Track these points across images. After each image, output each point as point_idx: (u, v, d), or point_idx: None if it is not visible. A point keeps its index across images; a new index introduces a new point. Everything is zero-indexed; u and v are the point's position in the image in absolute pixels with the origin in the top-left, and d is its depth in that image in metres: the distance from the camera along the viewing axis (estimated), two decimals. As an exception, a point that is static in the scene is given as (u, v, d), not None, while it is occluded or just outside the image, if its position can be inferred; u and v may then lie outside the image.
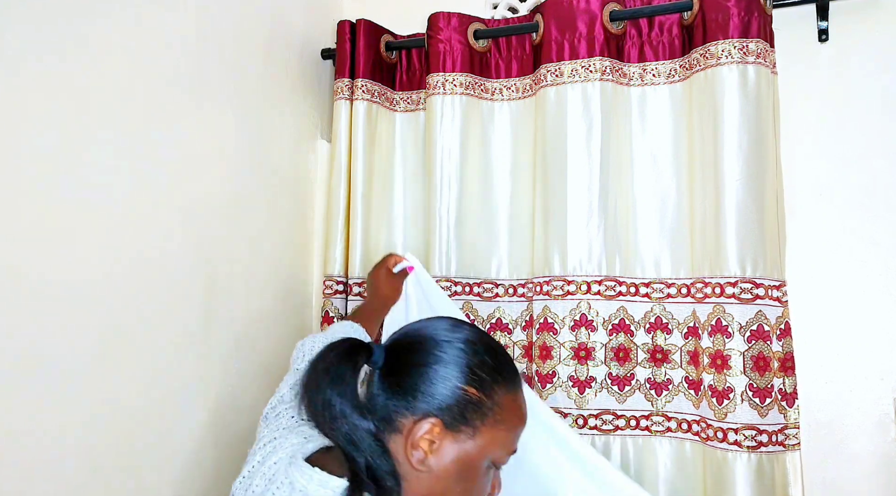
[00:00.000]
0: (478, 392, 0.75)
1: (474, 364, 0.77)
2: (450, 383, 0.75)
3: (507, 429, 0.77)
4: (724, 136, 1.24)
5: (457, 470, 0.74)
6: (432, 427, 0.74)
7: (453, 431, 0.74)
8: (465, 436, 0.75)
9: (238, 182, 1.34)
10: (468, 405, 0.75)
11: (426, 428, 0.74)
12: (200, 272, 1.21)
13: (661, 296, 1.34)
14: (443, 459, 0.74)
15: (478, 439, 0.75)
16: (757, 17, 1.26)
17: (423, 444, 0.74)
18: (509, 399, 0.78)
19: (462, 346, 0.78)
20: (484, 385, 0.76)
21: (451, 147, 1.45)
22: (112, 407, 1.01)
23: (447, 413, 0.74)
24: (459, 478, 0.75)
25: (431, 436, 0.74)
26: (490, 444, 0.76)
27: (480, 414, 0.75)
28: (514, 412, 0.79)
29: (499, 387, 0.77)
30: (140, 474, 1.06)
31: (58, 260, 0.93)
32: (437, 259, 1.43)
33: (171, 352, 1.13)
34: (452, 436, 0.74)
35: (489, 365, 0.77)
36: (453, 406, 0.74)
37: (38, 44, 0.91)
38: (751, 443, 1.17)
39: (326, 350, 0.74)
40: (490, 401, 0.76)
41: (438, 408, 0.74)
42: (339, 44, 1.56)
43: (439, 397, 0.74)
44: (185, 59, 1.19)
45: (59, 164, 0.94)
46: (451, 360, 0.76)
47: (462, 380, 0.75)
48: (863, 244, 1.33)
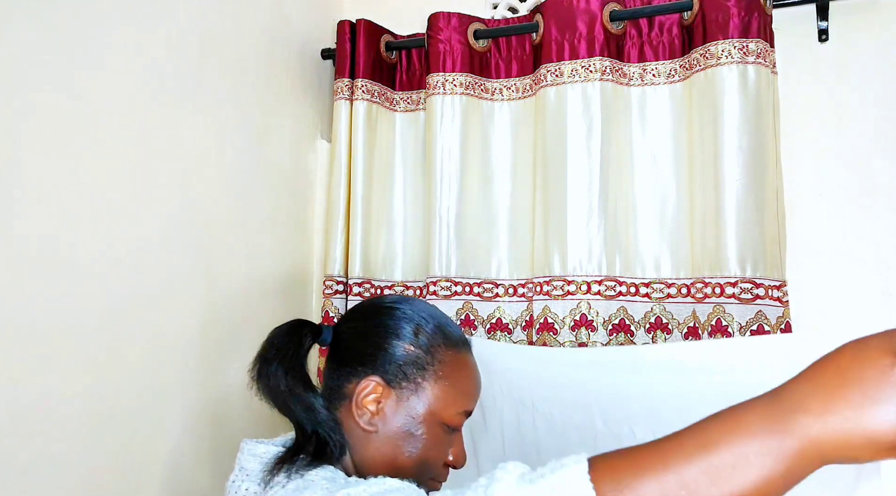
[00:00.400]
0: (416, 348, 0.77)
1: (412, 323, 0.79)
2: (387, 342, 0.77)
3: (452, 385, 0.78)
4: (724, 136, 1.24)
5: (405, 428, 0.76)
6: (375, 385, 0.76)
7: (395, 388, 0.76)
8: (408, 392, 0.76)
9: (238, 182, 1.34)
10: (407, 361, 0.77)
11: (368, 387, 0.76)
12: (200, 272, 1.21)
13: (661, 297, 1.34)
14: (389, 417, 0.76)
15: (421, 395, 0.76)
16: (757, 17, 1.26)
17: (368, 404, 0.75)
18: (451, 356, 0.79)
19: (400, 309, 0.81)
20: (422, 342, 0.78)
21: (451, 147, 1.45)
22: (112, 406, 1.01)
23: (387, 371, 0.76)
24: (408, 437, 0.76)
25: (375, 395, 0.76)
26: (435, 400, 0.77)
27: (420, 369, 0.77)
28: (458, 369, 0.80)
29: (438, 344, 0.79)
30: (139, 473, 1.06)
31: (57, 259, 0.93)
32: (437, 259, 1.43)
33: (171, 351, 1.13)
34: (396, 394, 0.76)
35: (428, 324, 0.80)
36: (392, 363, 0.77)
37: (38, 44, 0.91)
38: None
39: (273, 331, 0.78)
40: (429, 357, 0.78)
41: (378, 367, 0.77)
42: (339, 44, 1.56)
43: (379, 357, 0.77)
44: (185, 58, 1.19)
45: (59, 163, 0.94)
46: (390, 323, 0.79)
47: (399, 338, 0.78)
48: (863, 244, 1.33)
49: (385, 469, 0.75)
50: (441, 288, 1.42)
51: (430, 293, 1.43)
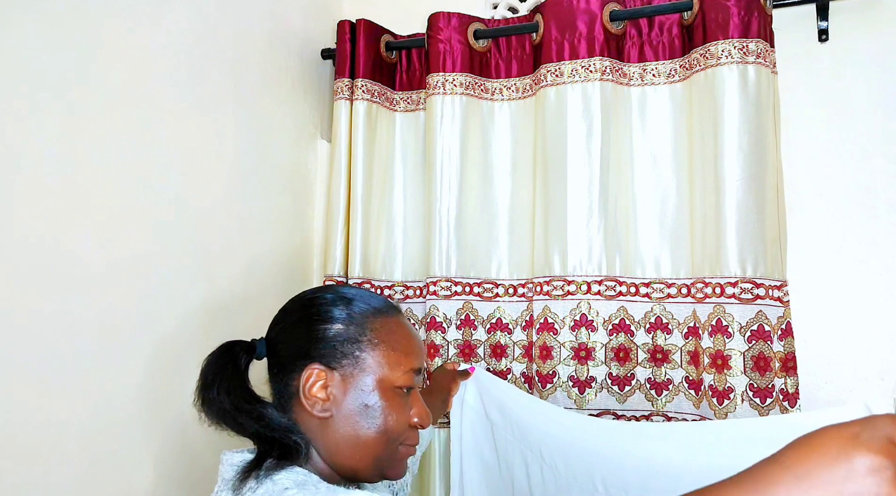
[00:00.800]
0: (345, 325, 0.78)
1: (334, 305, 0.80)
2: (316, 328, 0.78)
3: (391, 348, 0.79)
4: (724, 136, 1.24)
5: (358, 404, 0.76)
6: (318, 372, 0.76)
7: (337, 369, 0.77)
8: (350, 368, 0.77)
9: (238, 182, 1.34)
10: (339, 339, 0.77)
11: (312, 375, 0.76)
12: (200, 272, 1.21)
13: (661, 296, 1.34)
14: (340, 398, 0.76)
15: (364, 366, 0.77)
16: (757, 17, 1.26)
17: (316, 393, 0.76)
18: (381, 322, 0.80)
19: (319, 296, 0.81)
20: (349, 317, 0.79)
21: (451, 147, 1.45)
22: (111, 406, 1.01)
23: (324, 355, 0.77)
24: (365, 411, 0.76)
25: (321, 381, 0.76)
26: (379, 367, 0.77)
27: (355, 342, 0.77)
28: (391, 332, 0.80)
29: (366, 315, 0.79)
30: (139, 473, 1.06)
31: (57, 259, 0.93)
32: (437, 259, 1.43)
33: (171, 351, 1.13)
34: (339, 374, 0.77)
35: (350, 301, 0.80)
36: (326, 346, 0.77)
37: (38, 44, 0.91)
38: (751, 443, 1.17)
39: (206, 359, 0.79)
40: (360, 328, 0.78)
41: (315, 355, 0.77)
42: (339, 44, 1.56)
43: (312, 345, 0.77)
44: (185, 59, 1.19)
45: (59, 163, 0.94)
46: (313, 310, 0.80)
47: (326, 321, 0.78)
48: (863, 244, 1.33)
49: (352, 449, 0.76)
50: (441, 288, 1.42)
51: (430, 293, 1.43)
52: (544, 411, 1.17)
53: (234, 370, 0.77)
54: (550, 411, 1.17)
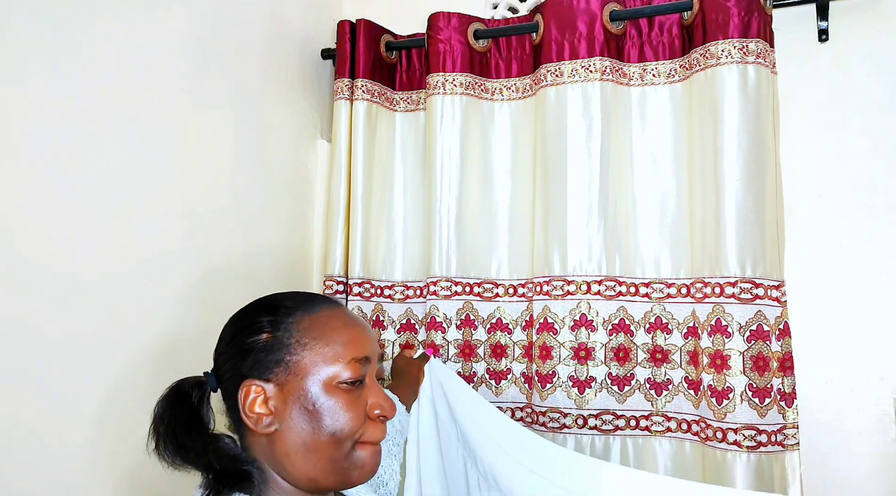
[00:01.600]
0: (269, 333, 0.73)
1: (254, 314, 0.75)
2: (243, 345, 0.73)
3: (324, 344, 0.73)
4: (724, 136, 1.24)
5: (301, 410, 0.71)
6: (252, 388, 0.71)
7: (269, 380, 0.71)
8: (283, 376, 0.71)
9: (238, 181, 1.34)
10: (266, 349, 0.72)
11: (249, 393, 0.71)
12: (200, 272, 1.21)
13: (660, 296, 1.34)
14: (281, 409, 0.71)
15: (297, 371, 0.71)
16: (757, 17, 1.26)
17: (256, 408, 0.71)
18: (308, 319, 0.74)
19: (241, 311, 0.78)
20: (272, 323, 0.73)
21: (451, 147, 1.45)
22: (111, 406, 1.01)
23: (255, 369, 0.72)
24: (311, 417, 0.71)
25: (258, 396, 0.71)
26: (314, 367, 0.72)
27: (282, 348, 0.72)
28: (322, 326, 0.74)
29: (289, 316, 0.74)
30: (138, 473, 1.06)
31: (58, 259, 0.93)
32: (437, 259, 1.43)
33: (171, 351, 1.14)
34: (273, 385, 0.71)
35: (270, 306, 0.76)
36: (255, 360, 0.72)
37: (38, 44, 0.91)
38: (750, 443, 1.17)
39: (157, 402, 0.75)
40: (286, 333, 0.73)
41: (247, 371, 0.72)
42: (339, 44, 1.56)
43: (242, 362, 0.73)
44: (185, 59, 1.19)
45: (59, 163, 0.94)
46: (237, 327, 0.76)
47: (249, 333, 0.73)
48: (862, 244, 1.33)
49: (304, 458, 0.71)
50: (441, 288, 1.42)
51: (430, 293, 1.43)
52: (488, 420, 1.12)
53: (186, 408, 0.73)
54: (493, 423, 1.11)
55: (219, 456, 0.71)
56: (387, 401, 0.75)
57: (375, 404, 0.74)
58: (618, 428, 1.31)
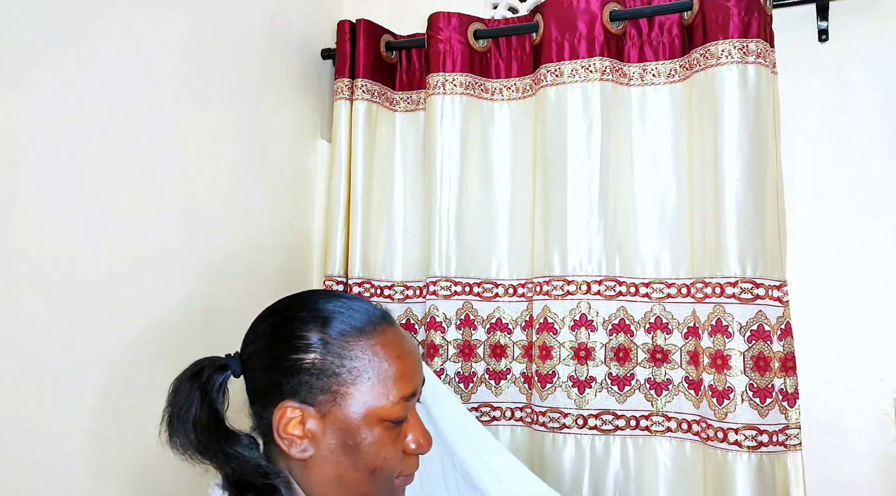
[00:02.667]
0: (320, 355, 0.67)
1: (306, 328, 0.69)
2: (287, 360, 0.68)
3: (375, 377, 0.68)
4: (724, 136, 1.24)
5: (340, 442, 0.67)
6: (291, 410, 0.67)
7: (314, 405, 0.67)
8: (328, 405, 0.67)
9: (238, 182, 1.34)
10: (313, 373, 0.67)
11: (286, 414, 0.67)
12: (200, 272, 1.21)
13: (661, 296, 1.34)
14: (319, 437, 0.67)
15: (343, 402, 0.67)
16: (757, 17, 1.26)
17: (291, 431, 0.67)
18: (363, 346, 0.69)
19: (289, 315, 0.71)
20: (324, 345, 0.68)
21: (451, 147, 1.45)
22: (111, 405, 1.01)
23: (297, 391, 0.67)
24: (348, 451, 0.67)
25: (295, 418, 0.67)
26: (364, 402, 0.67)
27: (332, 375, 0.67)
28: (376, 356, 0.69)
29: (344, 340, 0.68)
30: (138, 473, 1.06)
31: (58, 258, 0.93)
32: (437, 259, 1.43)
33: (171, 351, 1.13)
34: (317, 410, 0.67)
35: (325, 322, 0.69)
36: (299, 381, 0.67)
37: (38, 44, 0.91)
38: (751, 444, 1.17)
39: (175, 380, 0.71)
40: (337, 358, 0.67)
41: (287, 390, 0.67)
42: (339, 44, 1.56)
43: (284, 379, 0.68)
44: (184, 59, 1.19)
45: (59, 163, 0.94)
46: (284, 335, 0.69)
47: (297, 350, 0.68)
48: (863, 244, 1.33)
49: (338, 490, 0.68)
50: (441, 288, 1.42)
51: (429, 293, 1.43)
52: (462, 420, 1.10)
53: (202, 396, 0.69)
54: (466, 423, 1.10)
55: (241, 465, 0.67)
56: (425, 437, 0.73)
57: (414, 440, 0.72)
58: (618, 428, 1.31)
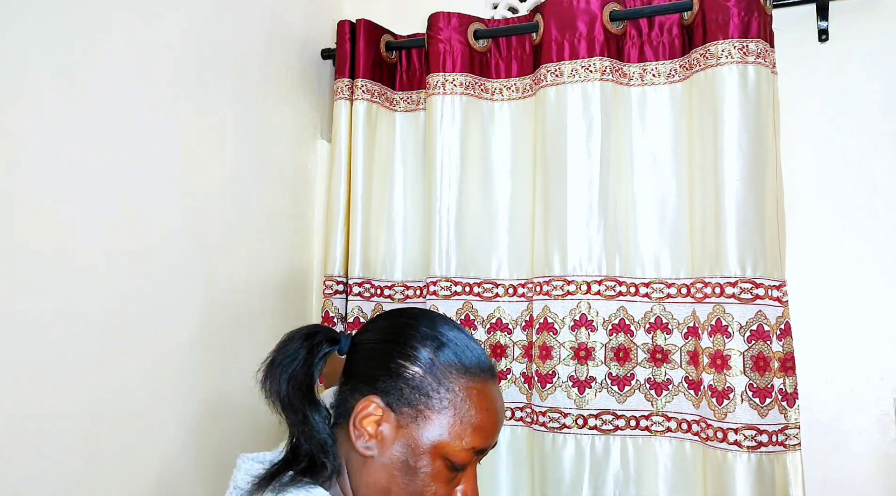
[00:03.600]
0: (424, 372, 0.71)
1: (425, 344, 0.73)
2: (394, 361, 0.72)
3: (459, 418, 0.70)
4: (724, 136, 1.24)
5: (402, 458, 0.69)
6: (374, 407, 0.70)
7: (396, 413, 0.70)
8: (408, 419, 0.70)
9: (238, 182, 1.34)
10: (412, 385, 0.70)
11: (368, 407, 0.70)
12: (200, 272, 1.21)
13: (661, 296, 1.34)
14: (387, 443, 0.70)
15: (423, 424, 0.70)
16: (757, 17, 1.26)
17: (366, 426, 0.70)
18: (464, 384, 0.72)
19: (416, 325, 0.74)
20: (432, 365, 0.71)
21: (451, 147, 1.45)
22: (111, 405, 1.01)
23: (389, 393, 0.71)
24: (406, 469, 0.69)
25: (375, 417, 0.70)
26: (438, 433, 0.69)
27: (425, 395, 0.70)
28: (470, 399, 0.71)
29: (451, 370, 0.72)
30: (139, 473, 1.06)
31: (58, 259, 0.93)
32: (437, 259, 1.43)
33: (171, 351, 1.14)
34: (396, 419, 0.70)
35: (443, 346, 0.73)
36: (396, 385, 0.71)
37: (38, 45, 0.91)
38: (751, 443, 1.17)
39: (287, 334, 0.75)
40: (437, 383, 0.71)
41: (381, 388, 0.71)
42: (339, 44, 1.56)
43: (383, 376, 0.71)
44: (185, 59, 1.19)
45: (59, 163, 0.94)
46: (402, 340, 0.73)
47: (407, 358, 0.72)
48: (862, 244, 1.33)
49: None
50: (441, 288, 1.42)
51: (429, 293, 1.43)
52: None
53: (306, 357, 0.72)
54: None
55: (311, 434, 0.71)
56: (474, 493, 0.74)
57: (464, 491, 0.73)
58: (618, 428, 1.31)
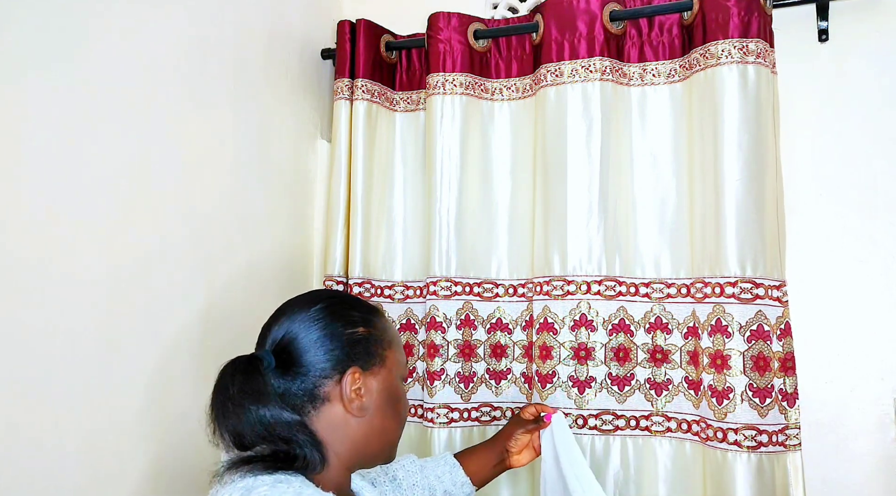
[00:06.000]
0: (364, 327, 0.86)
1: (345, 312, 0.86)
2: (342, 336, 0.84)
3: (397, 345, 0.90)
4: (723, 136, 1.24)
5: (385, 398, 0.86)
6: (355, 375, 0.83)
7: (369, 370, 0.85)
8: (377, 367, 0.86)
9: (238, 182, 1.34)
10: (365, 343, 0.85)
11: (352, 379, 0.82)
12: (200, 272, 1.21)
13: (660, 296, 1.34)
14: (372, 396, 0.84)
15: (387, 364, 0.87)
16: (757, 16, 1.26)
17: (355, 392, 0.82)
18: (383, 321, 0.90)
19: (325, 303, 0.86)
20: (362, 321, 0.86)
21: (451, 147, 1.45)
22: (111, 406, 1.01)
23: (357, 358, 0.84)
24: (389, 404, 0.86)
25: (358, 382, 0.83)
26: (394, 364, 0.88)
27: (376, 343, 0.86)
28: (391, 329, 0.92)
29: (370, 316, 0.88)
30: (139, 473, 1.06)
31: (58, 259, 0.93)
32: (437, 259, 1.43)
33: (171, 351, 1.14)
34: (371, 374, 0.85)
35: (350, 305, 0.88)
36: (358, 350, 0.84)
37: (38, 44, 0.91)
38: (751, 444, 1.17)
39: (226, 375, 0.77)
40: (375, 330, 0.87)
41: (353, 358, 0.83)
42: (339, 44, 1.56)
43: (344, 351, 0.83)
44: (185, 59, 1.19)
45: (59, 163, 0.94)
46: (334, 317, 0.85)
47: (348, 327, 0.84)
48: (862, 244, 1.33)
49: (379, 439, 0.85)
50: (441, 288, 1.42)
51: (430, 293, 1.43)
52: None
53: (264, 383, 0.77)
54: None
55: (306, 438, 0.77)
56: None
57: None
58: (618, 428, 1.31)
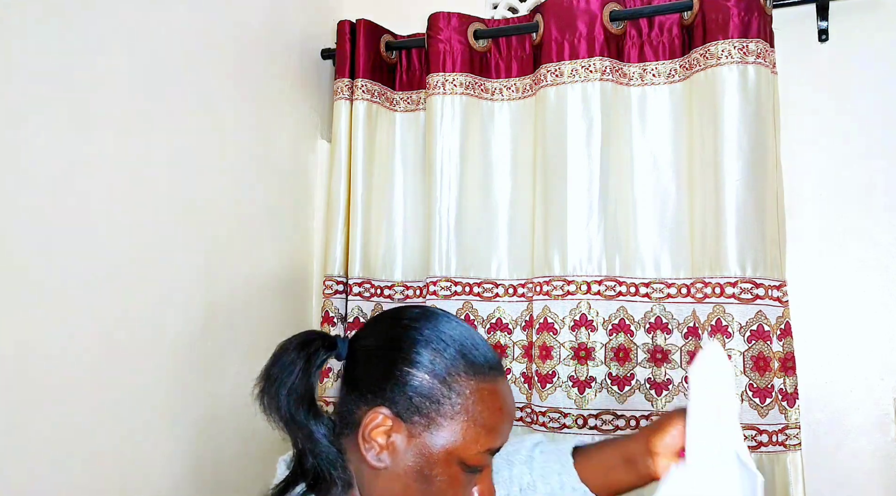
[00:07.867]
0: (431, 378, 0.68)
1: (429, 348, 0.70)
2: (399, 369, 0.69)
3: (473, 422, 0.68)
4: (724, 136, 1.24)
5: (416, 467, 0.67)
6: (383, 418, 0.68)
7: (407, 422, 0.68)
8: (420, 428, 0.68)
9: (238, 182, 1.34)
10: (420, 393, 0.68)
11: (377, 419, 0.68)
12: (200, 272, 1.21)
13: (661, 297, 1.34)
14: (400, 454, 0.68)
15: (436, 432, 0.68)
16: (757, 17, 1.26)
17: (376, 437, 0.68)
18: (473, 386, 0.69)
19: (417, 329, 0.71)
20: (439, 371, 0.69)
21: (451, 147, 1.45)
22: (111, 406, 1.01)
23: (397, 402, 0.68)
24: (421, 478, 0.68)
25: (384, 428, 0.68)
26: (452, 439, 0.68)
27: (435, 403, 0.68)
28: (482, 401, 0.69)
29: (458, 373, 0.69)
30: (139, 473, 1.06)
31: (58, 259, 0.93)
32: (436, 259, 1.43)
33: (171, 351, 1.14)
34: (407, 428, 0.68)
35: (448, 349, 0.70)
36: (403, 394, 0.68)
37: (38, 44, 0.91)
38: (751, 443, 1.17)
39: (281, 345, 0.71)
40: (446, 388, 0.68)
41: (388, 398, 0.68)
42: (339, 44, 1.56)
43: (389, 385, 0.69)
44: (185, 59, 1.19)
45: (59, 163, 0.94)
46: (404, 346, 0.70)
47: (412, 365, 0.69)
48: (862, 244, 1.33)
49: None
50: (441, 288, 1.42)
51: (429, 293, 1.43)
52: None
53: (304, 368, 0.69)
54: None
55: (317, 448, 0.69)
56: (490, 493, 0.72)
57: (480, 492, 0.71)
58: (618, 428, 1.31)
